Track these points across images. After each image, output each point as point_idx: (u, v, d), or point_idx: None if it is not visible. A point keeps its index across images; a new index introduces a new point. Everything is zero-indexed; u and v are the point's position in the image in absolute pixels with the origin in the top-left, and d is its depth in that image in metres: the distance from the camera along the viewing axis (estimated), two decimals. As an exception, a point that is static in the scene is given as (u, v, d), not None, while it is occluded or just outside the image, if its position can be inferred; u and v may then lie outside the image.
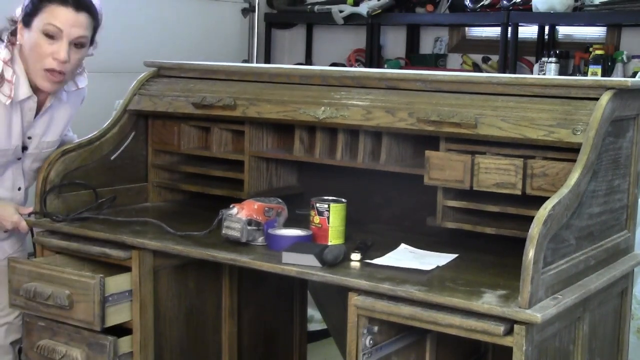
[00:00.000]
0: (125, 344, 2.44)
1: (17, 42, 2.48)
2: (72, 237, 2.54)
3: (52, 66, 2.44)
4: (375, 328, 2.02)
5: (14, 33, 2.52)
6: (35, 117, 2.57)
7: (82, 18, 2.44)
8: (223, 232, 2.36)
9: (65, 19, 2.42)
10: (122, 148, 2.82)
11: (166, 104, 2.77)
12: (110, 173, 2.79)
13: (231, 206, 2.37)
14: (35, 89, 2.52)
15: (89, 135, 2.75)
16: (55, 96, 2.59)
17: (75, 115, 2.76)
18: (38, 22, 2.43)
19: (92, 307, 2.36)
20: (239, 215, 2.34)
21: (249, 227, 2.34)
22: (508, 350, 1.85)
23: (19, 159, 2.60)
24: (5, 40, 2.52)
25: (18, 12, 2.51)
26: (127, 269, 2.44)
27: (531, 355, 1.84)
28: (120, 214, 2.68)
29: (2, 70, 2.44)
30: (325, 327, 3.66)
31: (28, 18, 2.45)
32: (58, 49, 2.43)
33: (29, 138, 2.58)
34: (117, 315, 2.42)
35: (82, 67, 2.63)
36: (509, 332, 1.83)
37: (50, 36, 2.42)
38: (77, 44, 2.46)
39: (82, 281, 2.37)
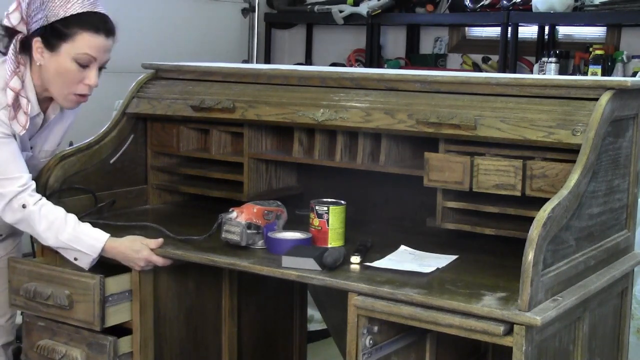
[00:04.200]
0: (125, 344, 2.44)
1: (36, 62, 2.39)
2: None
3: (84, 92, 2.43)
4: (375, 328, 2.02)
5: (23, 49, 2.40)
6: (38, 130, 2.55)
7: (111, 43, 2.44)
8: (222, 236, 2.35)
9: (98, 47, 2.39)
10: (121, 151, 2.81)
11: (165, 107, 2.77)
12: (110, 176, 2.78)
13: (230, 210, 2.37)
14: (41, 103, 2.48)
15: (88, 140, 2.74)
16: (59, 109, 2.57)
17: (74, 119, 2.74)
18: (68, 48, 2.36)
19: (92, 307, 2.36)
20: (238, 219, 2.33)
21: (248, 231, 2.33)
22: (508, 350, 1.84)
23: None
24: (13, 58, 2.39)
25: (14, 19, 2.39)
26: (127, 269, 2.43)
27: (531, 355, 1.84)
28: (121, 217, 2.68)
29: (19, 101, 2.38)
30: (325, 327, 3.66)
31: (53, 42, 2.36)
32: (90, 75, 2.40)
33: (31, 148, 2.58)
34: (117, 315, 2.42)
35: None
36: (509, 332, 1.83)
37: (82, 64, 2.39)
38: (103, 66, 2.46)
39: (82, 281, 2.37)
